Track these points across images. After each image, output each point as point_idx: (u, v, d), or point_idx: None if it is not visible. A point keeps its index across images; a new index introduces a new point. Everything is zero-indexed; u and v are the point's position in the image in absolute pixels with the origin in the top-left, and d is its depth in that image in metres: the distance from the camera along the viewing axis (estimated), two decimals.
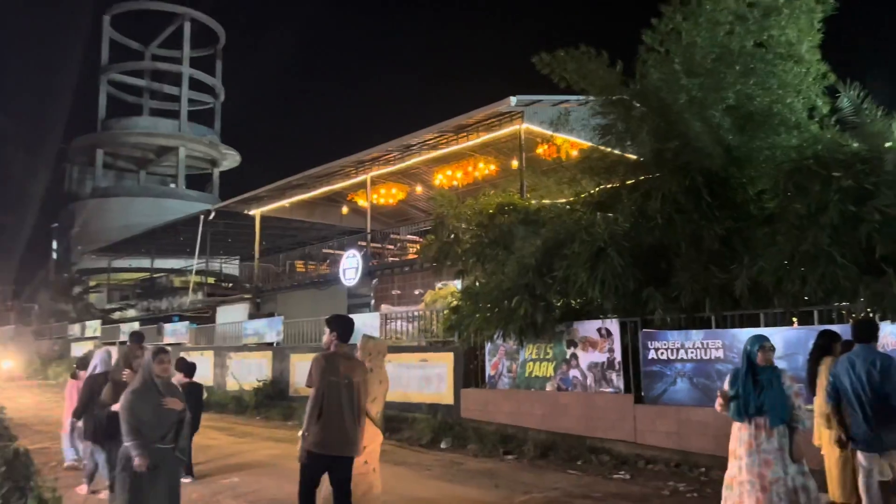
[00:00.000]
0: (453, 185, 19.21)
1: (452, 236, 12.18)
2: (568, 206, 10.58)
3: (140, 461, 4.59)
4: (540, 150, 16.08)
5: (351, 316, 16.53)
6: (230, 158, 53.21)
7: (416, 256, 19.22)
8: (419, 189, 22.26)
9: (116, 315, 33.98)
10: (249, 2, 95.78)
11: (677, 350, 8.68)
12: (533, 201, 12.06)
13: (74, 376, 9.07)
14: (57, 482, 6.90)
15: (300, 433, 5.10)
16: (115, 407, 5.18)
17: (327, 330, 5.32)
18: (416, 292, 19.07)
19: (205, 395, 10.65)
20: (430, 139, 17.54)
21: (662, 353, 8.81)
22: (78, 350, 26.95)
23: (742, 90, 9.07)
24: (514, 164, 17.25)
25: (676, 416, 8.58)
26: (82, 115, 49.44)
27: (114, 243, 35.10)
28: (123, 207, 44.25)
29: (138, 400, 4.73)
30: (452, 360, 11.59)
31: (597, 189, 10.31)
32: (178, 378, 9.06)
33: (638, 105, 9.60)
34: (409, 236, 24.27)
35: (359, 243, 21.65)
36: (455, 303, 11.48)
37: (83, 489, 7.54)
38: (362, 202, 22.90)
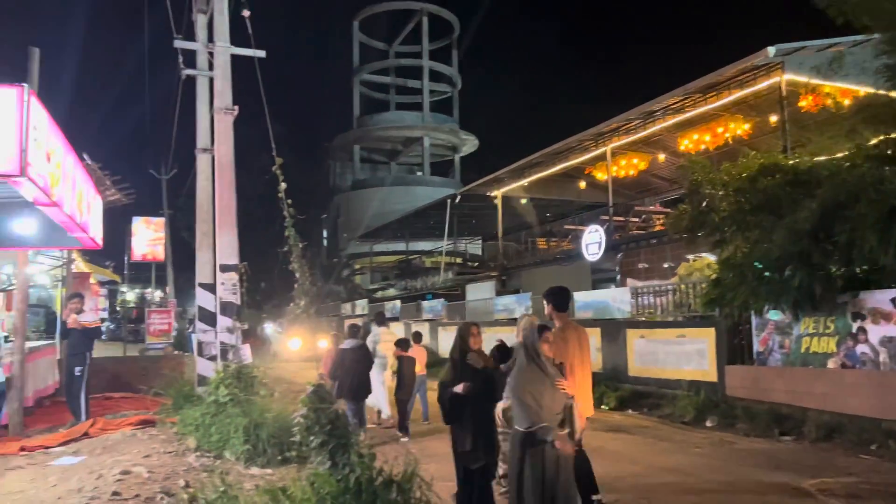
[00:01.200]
0: (701, 150, 18.02)
1: (706, 204, 11.42)
2: (847, 163, 9.37)
3: (563, 444, 4.17)
4: (803, 103, 14.44)
5: (599, 290, 16.48)
6: (469, 143, 55.56)
7: (663, 228, 18.42)
8: (661, 157, 21.27)
9: (379, 294, 37.55)
10: None
11: None
12: (798, 159, 10.84)
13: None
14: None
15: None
16: (457, 388, 5.04)
17: (545, 303, 5.80)
18: (665, 265, 18.33)
19: None
20: (675, 103, 16.66)
21: None
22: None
23: None
24: (773, 119, 15.71)
25: None
26: (340, 116, 54.81)
27: (373, 229, 39.04)
28: (379, 197, 48.53)
29: (531, 381, 4.28)
30: (714, 336, 10.99)
31: (883, 140, 9.00)
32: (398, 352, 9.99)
33: None
34: (654, 207, 23.36)
35: (600, 217, 21.33)
36: (714, 275, 10.82)
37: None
38: (600, 175, 22.44)
